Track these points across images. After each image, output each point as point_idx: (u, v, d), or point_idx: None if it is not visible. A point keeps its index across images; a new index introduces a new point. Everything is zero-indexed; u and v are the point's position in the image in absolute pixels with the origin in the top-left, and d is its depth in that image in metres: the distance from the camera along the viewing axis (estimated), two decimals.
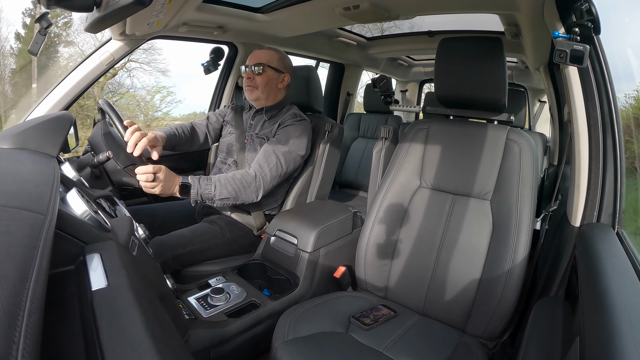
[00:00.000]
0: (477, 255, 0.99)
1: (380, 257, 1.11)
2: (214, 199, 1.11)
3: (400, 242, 1.11)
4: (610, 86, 0.88)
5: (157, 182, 1.01)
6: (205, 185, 1.10)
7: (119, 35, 1.31)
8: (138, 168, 1.01)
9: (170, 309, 0.78)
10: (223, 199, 1.13)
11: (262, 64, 1.29)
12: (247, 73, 1.32)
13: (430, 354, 0.88)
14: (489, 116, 1.10)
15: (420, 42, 2.32)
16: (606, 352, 0.43)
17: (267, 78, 1.31)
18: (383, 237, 1.11)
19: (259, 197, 1.20)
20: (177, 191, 1.06)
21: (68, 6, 0.73)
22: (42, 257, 0.33)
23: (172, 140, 1.33)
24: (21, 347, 0.24)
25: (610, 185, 0.87)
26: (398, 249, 1.11)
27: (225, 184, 1.13)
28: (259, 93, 1.32)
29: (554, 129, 2.34)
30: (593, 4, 0.83)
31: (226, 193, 1.12)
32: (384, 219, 1.11)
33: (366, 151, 2.58)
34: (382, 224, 1.11)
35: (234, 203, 1.17)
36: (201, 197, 1.10)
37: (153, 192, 1.03)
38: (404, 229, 1.11)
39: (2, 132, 0.81)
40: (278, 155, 1.23)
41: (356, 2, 1.33)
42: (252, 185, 1.18)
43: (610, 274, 0.61)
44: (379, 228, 1.11)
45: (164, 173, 1.02)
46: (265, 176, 1.20)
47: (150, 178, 1.00)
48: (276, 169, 1.23)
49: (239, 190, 1.15)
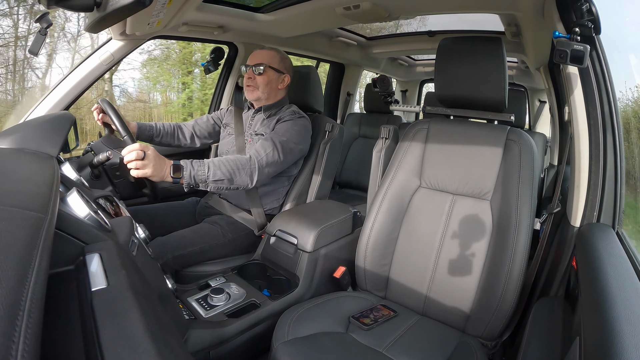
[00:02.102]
0: (477, 256, 0.99)
1: (380, 257, 1.11)
2: (207, 180, 1.05)
3: (400, 242, 1.11)
4: (611, 86, 0.88)
5: (147, 161, 0.94)
6: (199, 166, 1.04)
7: (119, 35, 1.31)
8: (125, 148, 0.94)
9: (170, 309, 0.78)
10: (217, 181, 1.06)
11: (263, 65, 1.30)
12: (247, 73, 1.32)
13: (430, 354, 0.88)
14: (489, 116, 1.10)
15: (420, 42, 2.32)
16: (606, 352, 0.43)
17: (267, 78, 1.31)
18: (383, 237, 1.11)
19: (254, 182, 1.15)
20: (169, 173, 0.99)
21: (68, 6, 0.73)
22: (42, 257, 0.33)
23: (147, 130, 1.34)
24: (21, 347, 0.24)
25: (610, 185, 0.87)
26: (398, 248, 1.11)
27: (219, 165, 1.07)
28: (259, 93, 1.32)
29: (554, 129, 2.34)
30: (593, 4, 0.83)
31: (220, 174, 1.06)
32: (383, 219, 1.11)
33: (366, 151, 2.58)
34: (382, 224, 1.11)
35: (228, 188, 1.10)
36: (194, 180, 1.03)
37: (144, 174, 0.94)
38: (403, 229, 1.11)
39: (2, 132, 0.81)
40: (275, 143, 1.21)
41: (356, 2, 1.33)
42: (246, 167, 1.12)
43: (610, 274, 0.61)
44: (378, 228, 1.11)
45: (153, 152, 0.96)
46: (261, 160, 1.16)
47: (140, 155, 0.93)
48: (272, 155, 1.19)
49: (233, 172, 1.09)
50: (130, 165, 0.94)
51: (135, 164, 0.93)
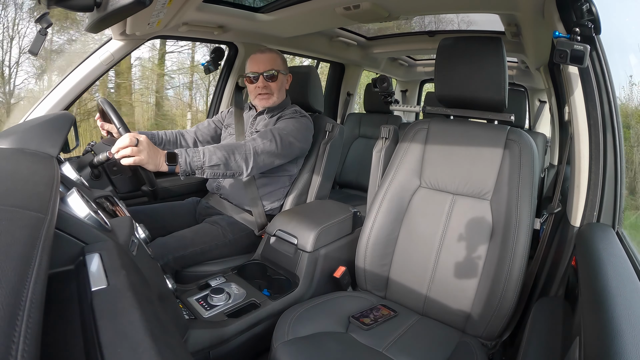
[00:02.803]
0: (477, 256, 0.99)
1: (380, 257, 1.11)
2: (203, 166, 1.04)
3: (400, 242, 1.11)
4: (611, 86, 0.88)
5: (141, 147, 0.93)
6: (194, 153, 1.03)
7: (119, 35, 1.31)
8: (119, 138, 0.94)
9: (170, 309, 0.78)
10: (213, 167, 1.05)
11: (273, 69, 1.30)
12: (259, 82, 1.31)
13: (430, 354, 0.88)
14: (489, 116, 1.10)
15: (420, 42, 2.32)
16: (606, 352, 0.43)
17: (280, 83, 1.33)
18: (383, 236, 1.11)
19: (250, 168, 1.13)
20: (164, 161, 0.98)
21: (68, 6, 0.73)
22: (42, 257, 0.33)
23: (149, 138, 1.34)
24: (21, 347, 0.24)
25: (610, 185, 0.87)
26: (398, 248, 1.11)
27: (214, 151, 1.06)
28: (275, 99, 1.34)
29: (553, 129, 2.33)
30: (593, 4, 0.83)
31: (216, 159, 1.05)
32: (383, 219, 1.11)
33: (366, 151, 2.58)
34: (382, 224, 1.11)
35: (225, 174, 1.09)
36: (190, 167, 1.02)
37: (139, 161, 0.93)
38: (403, 229, 1.11)
39: (2, 132, 0.81)
40: (273, 133, 1.21)
41: (356, 2, 1.33)
42: (241, 151, 1.11)
43: (610, 274, 0.61)
44: (378, 228, 1.11)
45: (146, 140, 0.95)
46: (257, 146, 1.15)
47: (134, 141, 0.92)
48: (270, 144, 1.18)
49: (229, 157, 1.08)
50: (125, 151, 0.92)
51: (130, 150, 0.92)
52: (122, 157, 0.93)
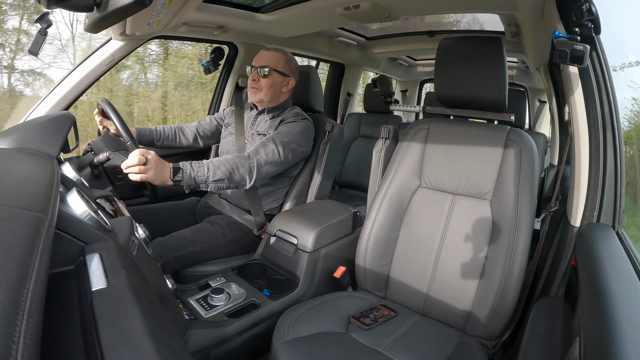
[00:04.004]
0: (477, 255, 0.99)
1: (380, 257, 1.11)
2: (207, 181, 1.06)
3: (400, 242, 1.11)
4: (611, 86, 0.88)
5: (149, 166, 0.96)
6: (198, 167, 1.05)
7: (119, 35, 1.31)
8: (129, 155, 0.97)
9: (170, 309, 0.78)
10: (217, 181, 1.07)
11: (267, 67, 1.29)
12: (252, 75, 1.31)
13: (430, 354, 0.88)
14: (489, 116, 1.10)
15: (420, 42, 2.32)
16: (606, 352, 0.43)
17: (271, 81, 1.31)
18: (383, 237, 1.11)
19: (253, 180, 1.14)
20: (170, 177, 1.01)
21: (68, 6, 0.73)
22: (42, 257, 0.33)
23: (147, 135, 1.35)
24: (21, 347, 0.24)
25: (610, 185, 0.87)
26: (398, 248, 1.11)
27: (218, 165, 1.08)
28: (262, 95, 1.32)
29: (553, 129, 2.34)
30: (593, 4, 0.83)
31: (220, 174, 1.07)
32: (383, 219, 1.11)
33: (366, 151, 2.58)
34: (382, 224, 1.11)
35: (228, 187, 1.11)
36: (194, 181, 1.04)
37: (146, 178, 0.97)
38: (403, 229, 1.11)
39: (2, 132, 0.81)
40: (276, 143, 1.21)
41: (356, 2, 1.33)
42: (245, 165, 1.13)
43: (610, 274, 0.61)
44: (378, 228, 1.11)
45: (155, 157, 0.98)
46: (260, 158, 1.16)
47: (142, 160, 0.95)
48: (272, 154, 1.19)
49: (233, 171, 1.10)
50: (134, 169, 0.96)
51: (138, 168, 0.96)
52: (130, 173, 0.97)
